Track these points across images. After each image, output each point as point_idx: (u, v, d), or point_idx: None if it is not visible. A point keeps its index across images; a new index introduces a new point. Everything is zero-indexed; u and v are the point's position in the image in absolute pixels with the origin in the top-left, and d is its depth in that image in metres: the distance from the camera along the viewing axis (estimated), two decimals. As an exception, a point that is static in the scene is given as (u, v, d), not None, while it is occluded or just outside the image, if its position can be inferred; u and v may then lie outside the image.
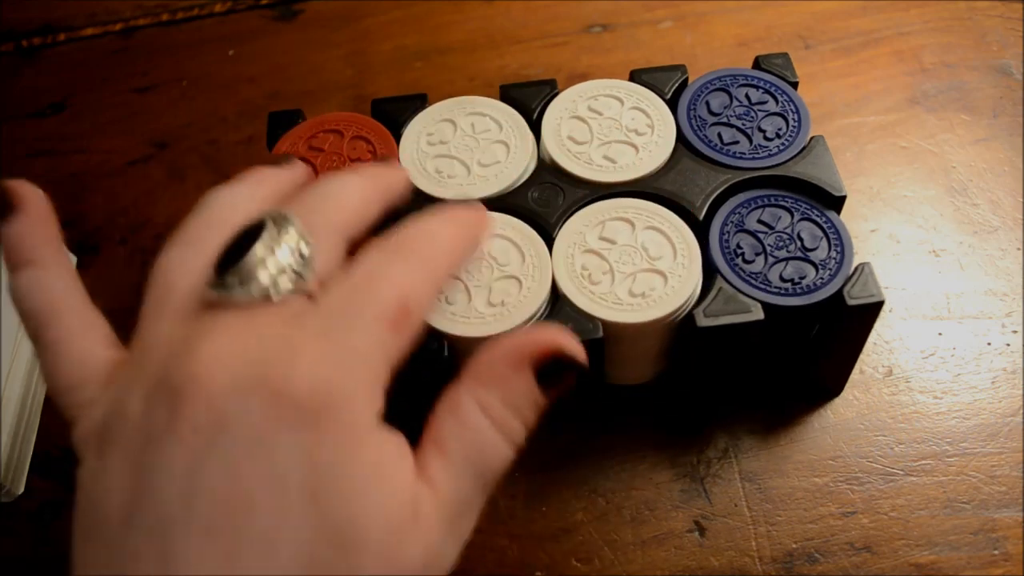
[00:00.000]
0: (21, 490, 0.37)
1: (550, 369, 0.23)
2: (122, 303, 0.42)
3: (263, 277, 0.22)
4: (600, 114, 0.37)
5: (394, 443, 0.21)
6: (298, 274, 0.22)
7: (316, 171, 0.35)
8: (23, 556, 0.36)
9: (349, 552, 0.19)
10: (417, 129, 0.37)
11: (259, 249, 0.22)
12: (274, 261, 0.22)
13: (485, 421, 0.22)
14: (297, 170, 0.28)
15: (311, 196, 0.25)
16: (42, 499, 0.37)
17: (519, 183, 0.35)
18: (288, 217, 0.23)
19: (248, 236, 0.22)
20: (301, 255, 0.22)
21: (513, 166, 0.35)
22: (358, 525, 0.20)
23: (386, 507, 0.20)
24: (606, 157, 0.35)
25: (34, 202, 0.25)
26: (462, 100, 0.38)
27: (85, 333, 0.24)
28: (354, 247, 0.31)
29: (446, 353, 0.31)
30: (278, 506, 0.19)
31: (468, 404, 0.22)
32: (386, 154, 0.36)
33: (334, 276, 0.23)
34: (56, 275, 0.24)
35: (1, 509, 0.37)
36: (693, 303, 0.32)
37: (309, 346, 0.21)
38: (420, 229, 0.24)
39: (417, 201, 0.35)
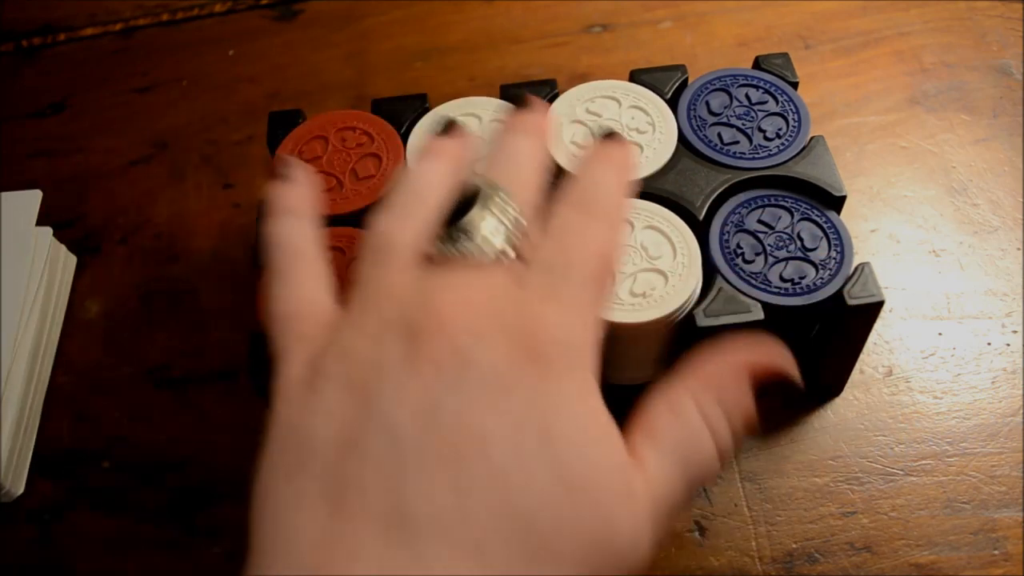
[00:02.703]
0: (21, 490, 0.37)
1: (766, 385, 0.24)
2: (122, 303, 0.43)
3: (491, 236, 0.23)
4: (599, 115, 0.37)
5: (607, 412, 0.22)
6: (513, 237, 0.23)
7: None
8: (23, 556, 0.36)
9: (576, 497, 0.20)
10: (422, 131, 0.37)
11: (481, 211, 0.23)
12: (494, 223, 0.23)
13: (700, 419, 0.23)
14: (470, 138, 0.29)
15: (500, 163, 0.26)
16: (42, 499, 0.37)
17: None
18: (497, 185, 0.24)
19: (467, 202, 0.24)
20: (513, 219, 0.24)
21: None
22: (586, 474, 0.20)
23: (609, 466, 0.21)
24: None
25: (303, 177, 0.28)
26: (470, 101, 0.38)
27: (319, 278, 0.25)
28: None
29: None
30: (514, 444, 0.20)
31: (686, 400, 0.23)
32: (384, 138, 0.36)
33: (537, 237, 0.24)
34: (309, 227, 0.27)
35: (1, 509, 0.37)
36: (693, 303, 0.32)
37: (546, 302, 0.22)
38: (599, 183, 0.25)
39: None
